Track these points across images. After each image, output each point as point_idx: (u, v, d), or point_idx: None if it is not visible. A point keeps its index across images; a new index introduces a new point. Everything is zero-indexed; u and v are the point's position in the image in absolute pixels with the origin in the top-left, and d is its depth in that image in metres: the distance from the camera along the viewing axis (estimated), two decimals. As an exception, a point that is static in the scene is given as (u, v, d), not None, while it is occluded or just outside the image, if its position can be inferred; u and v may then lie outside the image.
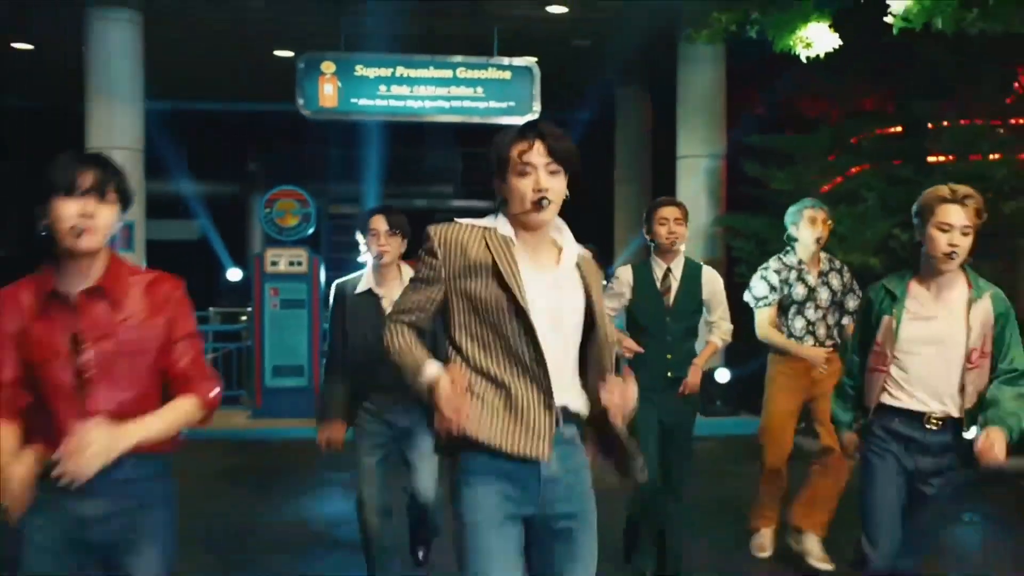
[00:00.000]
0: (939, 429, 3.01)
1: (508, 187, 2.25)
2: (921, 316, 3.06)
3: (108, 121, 8.70)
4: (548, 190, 2.22)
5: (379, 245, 3.66)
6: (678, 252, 4.08)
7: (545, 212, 2.23)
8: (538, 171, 2.22)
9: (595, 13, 8.91)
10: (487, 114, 9.00)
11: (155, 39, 8.91)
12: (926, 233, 3.00)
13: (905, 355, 3.06)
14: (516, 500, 2.21)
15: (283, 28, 9.63)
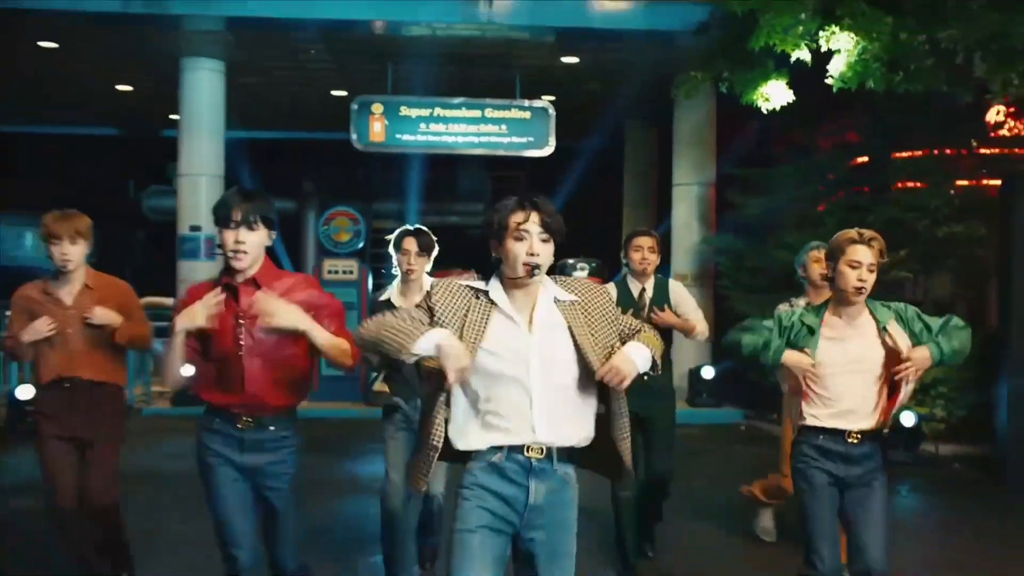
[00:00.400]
0: (859, 443, 3.26)
1: (505, 250, 2.49)
2: (838, 340, 3.30)
3: (197, 151, 10.42)
4: (539, 255, 2.47)
5: (408, 264, 4.03)
6: (650, 276, 4.42)
7: (531, 279, 2.49)
8: (532, 238, 2.46)
9: (602, 62, 10.48)
10: (510, 148, 10.63)
11: (234, 83, 10.66)
12: (838, 270, 3.26)
13: (826, 377, 3.29)
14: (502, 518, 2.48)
15: (339, 73, 11.34)
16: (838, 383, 3.25)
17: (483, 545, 2.44)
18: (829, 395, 3.26)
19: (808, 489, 3.30)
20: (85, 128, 15.72)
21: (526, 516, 2.48)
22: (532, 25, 9.41)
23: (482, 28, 9.41)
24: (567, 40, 9.72)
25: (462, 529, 2.44)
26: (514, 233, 2.46)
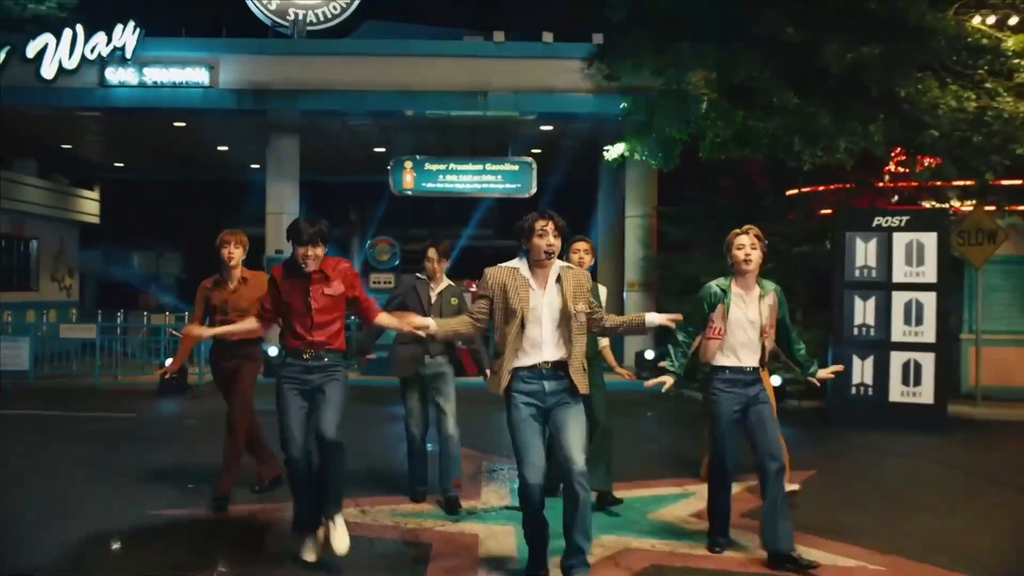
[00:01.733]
0: (751, 372, 4.62)
1: (531, 244, 4.03)
2: (740, 305, 4.57)
3: (279, 196, 14.29)
4: (553, 246, 4.01)
5: (432, 268, 5.56)
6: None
7: (550, 260, 4.04)
8: (548, 235, 4.01)
9: (570, 129, 14.23)
10: (504, 192, 14.41)
11: (304, 144, 14.51)
12: (731, 255, 4.59)
13: (731, 330, 4.56)
14: (534, 406, 4.06)
15: (380, 138, 15.21)
16: (738, 334, 4.58)
17: (530, 423, 4.07)
18: (733, 342, 4.58)
19: (716, 415, 4.64)
20: (188, 175, 19.79)
21: (546, 400, 4.07)
22: (517, 110, 13.20)
23: (482, 112, 13.21)
24: (542, 117, 13.49)
25: (517, 418, 4.06)
26: (538, 232, 4.01)
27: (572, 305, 4.05)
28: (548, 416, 4.11)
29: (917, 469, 7.66)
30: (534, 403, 4.06)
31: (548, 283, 4.09)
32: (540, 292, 4.06)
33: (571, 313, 4.03)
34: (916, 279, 9.97)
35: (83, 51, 12.33)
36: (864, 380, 10.08)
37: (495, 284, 4.11)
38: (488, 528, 5.27)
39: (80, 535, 5.10)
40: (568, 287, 4.08)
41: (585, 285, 4.18)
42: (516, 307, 4.03)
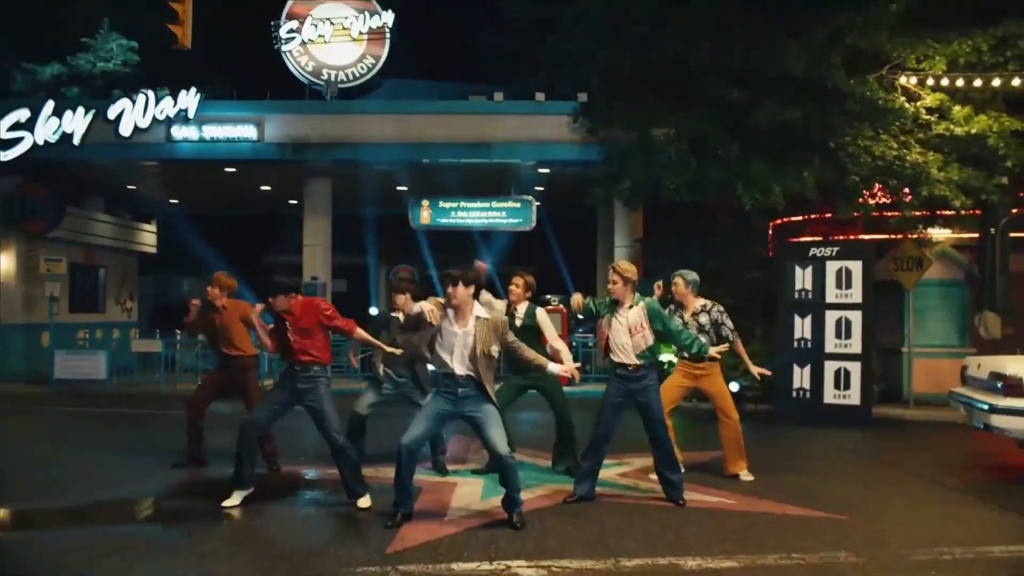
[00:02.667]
0: (634, 369, 6.23)
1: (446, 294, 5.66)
2: (619, 315, 6.34)
3: (314, 230, 16.60)
4: (456, 297, 5.54)
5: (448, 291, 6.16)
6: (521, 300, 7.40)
7: (455, 304, 5.60)
8: (452, 288, 5.57)
9: (563, 172, 16.36)
10: (508, 226, 16.57)
11: (336, 186, 16.82)
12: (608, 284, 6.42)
13: (613, 335, 6.31)
14: (449, 404, 5.70)
15: (401, 179, 17.48)
16: (619, 338, 6.31)
17: (437, 414, 5.82)
18: (616, 345, 6.32)
19: (609, 393, 6.39)
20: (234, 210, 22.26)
21: (462, 405, 5.73)
22: (515, 157, 15.41)
23: (486, 159, 15.42)
24: (540, 162, 15.70)
25: (429, 405, 5.82)
26: (446, 288, 5.67)
27: (479, 342, 5.73)
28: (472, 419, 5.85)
29: (823, 451, 9.53)
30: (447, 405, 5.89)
31: (468, 323, 5.76)
32: (458, 330, 5.76)
33: (476, 346, 5.74)
34: (845, 300, 11.88)
35: (154, 113, 14.69)
36: (803, 385, 11.99)
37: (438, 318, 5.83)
38: (464, 480, 7.37)
39: (167, 481, 7.28)
40: (482, 327, 5.73)
41: (499, 325, 5.82)
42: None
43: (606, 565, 4.97)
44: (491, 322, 5.79)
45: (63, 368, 14.51)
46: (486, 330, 5.74)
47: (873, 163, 11.93)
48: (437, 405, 5.83)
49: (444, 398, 5.82)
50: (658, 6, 12.27)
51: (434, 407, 5.84)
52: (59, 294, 15.12)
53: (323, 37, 16.98)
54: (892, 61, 12.53)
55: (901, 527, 6.00)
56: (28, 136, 14.55)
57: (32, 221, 15.79)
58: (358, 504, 6.36)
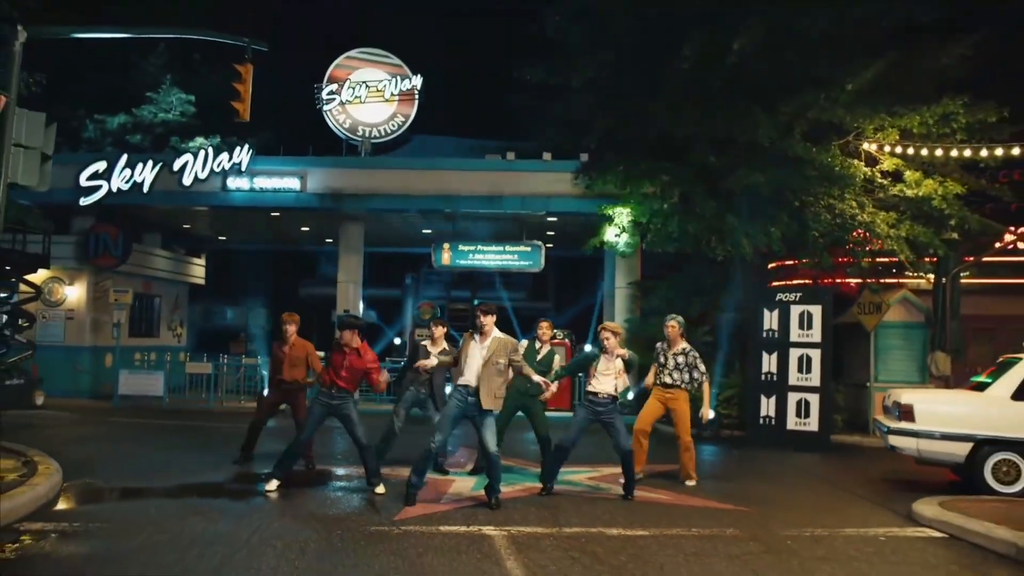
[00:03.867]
0: (607, 399, 8.42)
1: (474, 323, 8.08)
2: (605, 360, 8.43)
3: (347, 267, 18.77)
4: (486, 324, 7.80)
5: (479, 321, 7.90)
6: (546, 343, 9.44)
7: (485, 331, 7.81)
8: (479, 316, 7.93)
9: (569, 221, 18.43)
10: (520, 267, 18.61)
11: (368, 229, 19.02)
12: (599, 339, 8.53)
13: (597, 376, 8.44)
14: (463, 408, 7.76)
15: (426, 224, 19.64)
16: (602, 378, 8.42)
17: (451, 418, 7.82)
18: (596, 382, 8.42)
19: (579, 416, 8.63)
20: (275, 246, 24.63)
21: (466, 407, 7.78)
22: (524, 208, 17.54)
23: (500, 210, 17.56)
24: (548, 211, 17.80)
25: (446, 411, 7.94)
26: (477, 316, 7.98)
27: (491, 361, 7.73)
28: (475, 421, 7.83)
29: (772, 469, 11.24)
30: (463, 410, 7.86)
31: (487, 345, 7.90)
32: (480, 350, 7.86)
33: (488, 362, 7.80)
34: (806, 339, 13.70)
35: (211, 165, 17.04)
36: (769, 413, 13.79)
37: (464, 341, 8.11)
38: (460, 478, 9.37)
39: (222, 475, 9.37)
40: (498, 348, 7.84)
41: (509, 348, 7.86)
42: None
43: (550, 531, 6.92)
44: (504, 341, 7.78)
45: (126, 385, 16.72)
46: (498, 345, 7.72)
47: (832, 220, 13.82)
48: (452, 409, 7.74)
49: (457, 403, 7.74)
50: (648, 82, 14.35)
51: (451, 411, 7.74)
52: (124, 321, 17.39)
53: (359, 98, 19.32)
54: (854, 130, 14.45)
55: (789, 515, 7.87)
56: (105, 184, 16.95)
57: (103, 256, 18.15)
58: (375, 491, 8.35)
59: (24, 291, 14.41)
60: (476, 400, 7.70)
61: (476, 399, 7.69)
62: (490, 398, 7.71)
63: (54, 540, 6.21)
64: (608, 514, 7.66)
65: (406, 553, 6.08)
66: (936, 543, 6.99)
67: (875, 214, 13.80)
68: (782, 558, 6.30)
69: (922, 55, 13.91)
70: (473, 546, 6.32)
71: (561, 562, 5.98)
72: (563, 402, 16.74)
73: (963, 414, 9.20)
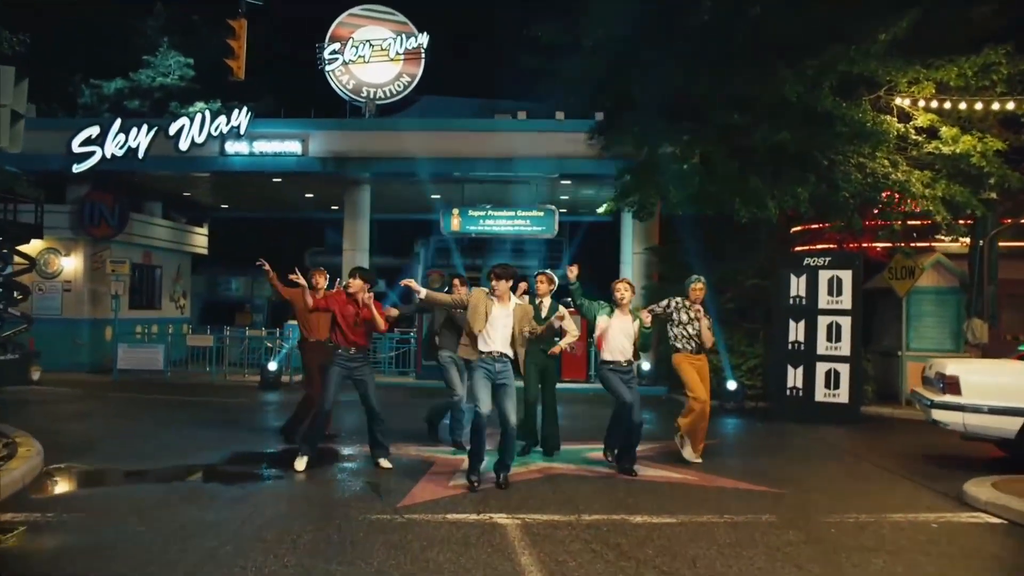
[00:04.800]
0: (627, 364, 8.00)
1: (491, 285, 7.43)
2: (618, 321, 7.97)
3: (353, 235, 18.15)
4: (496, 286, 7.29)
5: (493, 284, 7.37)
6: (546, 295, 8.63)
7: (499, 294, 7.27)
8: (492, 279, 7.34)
9: (584, 183, 17.70)
10: (532, 233, 17.96)
11: (375, 194, 18.37)
12: (613, 295, 8.01)
13: (611, 337, 7.94)
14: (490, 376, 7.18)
15: (436, 190, 18.98)
16: (614, 340, 7.96)
17: (485, 384, 7.18)
18: (610, 346, 7.97)
19: (608, 376, 7.95)
20: (280, 214, 24.02)
21: (494, 375, 7.21)
22: (537, 170, 16.84)
23: (513, 172, 16.87)
24: (562, 174, 17.08)
25: (477, 380, 7.17)
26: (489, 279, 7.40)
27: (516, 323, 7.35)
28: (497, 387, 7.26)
29: (801, 443, 10.69)
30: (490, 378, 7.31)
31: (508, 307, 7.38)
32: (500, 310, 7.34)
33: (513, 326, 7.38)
34: (836, 306, 13.05)
35: (209, 129, 16.41)
36: (796, 384, 13.17)
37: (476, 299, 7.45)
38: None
39: (219, 455, 8.86)
40: (516, 311, 7.36)
41: (529, 312, 7.47)
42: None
43: (569, 519, 6.36)
44: (526, 308, 7.43)
45: (125, 359, 16.26)
46: (523, 313, 7.32)
47: (863, 180, 13.08)
48: (483, 378, 7.18)
49: (485, 371, 7.20)
50: (666, 38, 13.57)
51: (481, 380, 7.17)
52: (122, 292, 16.88)
53: (363, 57, 18.59)
54: (886, 85, 13.66)
55: (826, 499, 7.29)
56: (98, 151, 16.35)
57: (99, 226, 17.61)
58: (380, 464, 7.90)
59: (18, 263, 13.88)
60: (505, 368, 7.29)
61: (506, 367, 7.28)
62: (522, 367, 7.49)
63: (21, 534, 5.69)
64: (632, 498, 7.10)
65: (409, 546, 5.54)
66: (996, 531, 6.40)
67: (909, 173, 13.05)
68: (826, 550, 5.72)
69: (959, 3, 13.07)
70: (484, 537, 5.77)
71: (581, 556, 5.42)
72: (579, 372, 16.18)
73: (1014, 386, 8.56)
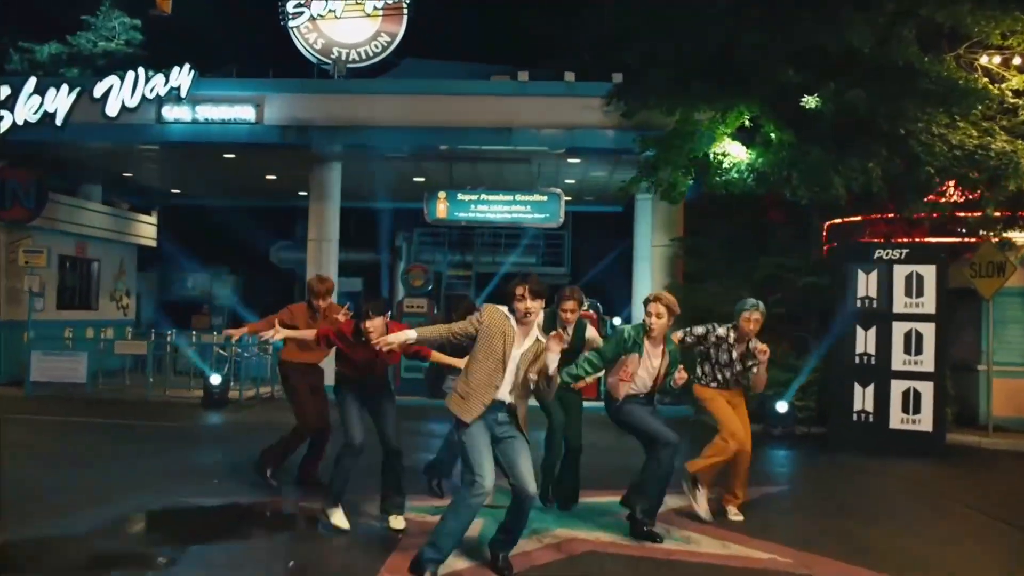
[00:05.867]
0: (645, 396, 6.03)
1: (514, 305, 4.92)
2: (648, 357, 5.97)
3: (319, 222, 15.72)
4: (532, 310, 4.82)
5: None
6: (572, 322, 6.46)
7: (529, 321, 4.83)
8: (526, 300, 4.80)
9: (595, 161, 15.27)
10: (532, 221, 15.60)
11: (346, 174, 15.92)
12: (644, 318, 5.97)
13: (640, 373, 5.94)
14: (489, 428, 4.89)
15: (418, 169, 16.57)
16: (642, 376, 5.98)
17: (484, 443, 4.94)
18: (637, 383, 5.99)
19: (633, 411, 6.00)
20: (241, 201, 21.49)
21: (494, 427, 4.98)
22: (541, 144, 14.42)
23: (510, 146, 14.44)
24: (567, 151, 14.68)
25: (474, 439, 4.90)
26: (516, 297, 4.92)
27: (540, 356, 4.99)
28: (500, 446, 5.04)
29: (888, 488, 8.48)
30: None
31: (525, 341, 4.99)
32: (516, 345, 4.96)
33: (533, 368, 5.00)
34: (915, 310, 10.80)
35: (143, 91, 13.97)
36: (865, 407, 10.91)
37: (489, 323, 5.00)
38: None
39: (121, 512, 6.41)
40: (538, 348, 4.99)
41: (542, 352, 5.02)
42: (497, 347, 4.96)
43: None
44: (542, 345, 5.03)
45: (40, 370, 13.86)
46: (539, 350, 5.02)
47: (950, 153, 10.77)
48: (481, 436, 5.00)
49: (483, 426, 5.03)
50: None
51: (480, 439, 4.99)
52: (38, 288, 14.44)
53: (334, 12, 16.21)
54: (972, 38, 11.42)
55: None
56: (7, 115, 13.89)
57: (12, 208, 15.16)
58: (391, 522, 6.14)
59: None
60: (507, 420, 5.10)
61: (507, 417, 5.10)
62: (524, 422, 5.14)
63: None
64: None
65: None
66: None
67: (1012, 143, 10.74)
68: None
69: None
70: None
71: None
72: (590, 390, 13.74)
73: None
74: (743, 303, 6.67)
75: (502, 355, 4.92)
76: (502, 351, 4.92)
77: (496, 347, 4.93)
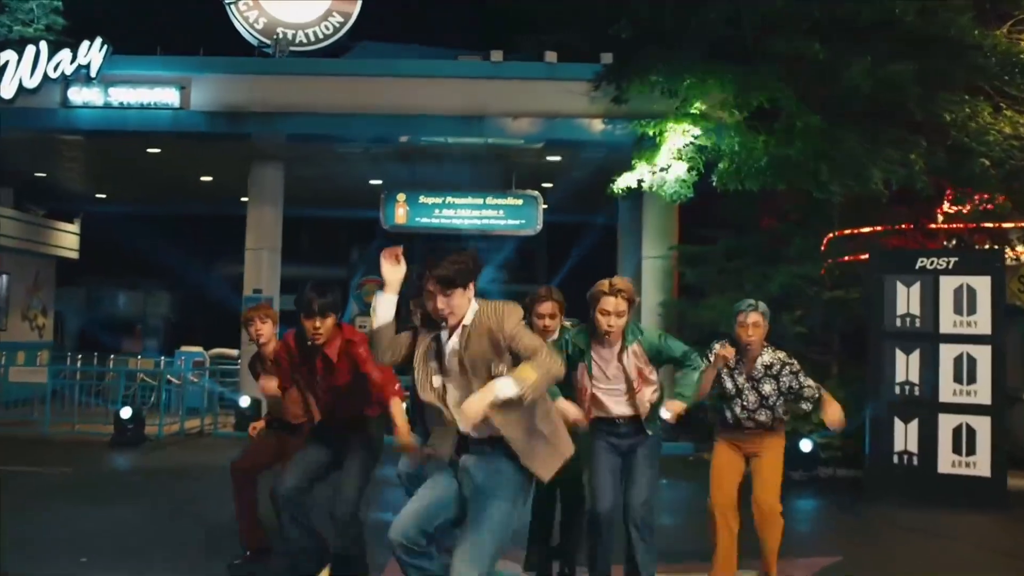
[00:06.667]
0: (626, 423, 4.60)
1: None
2: (600, 364, 4.58)
3: (259, 228, 13.90)
4: (444, 308, 3.38)
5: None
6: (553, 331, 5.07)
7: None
8: (435, 296, 3.38)
9: (577, 160, 13.57)
10: (506, 228, 13.88)
11: (290, 176, 14.11)
12: (593, 315, 4.45)
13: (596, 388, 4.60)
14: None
15: (375, 169, 14.77)
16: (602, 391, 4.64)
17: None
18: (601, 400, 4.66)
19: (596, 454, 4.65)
20: (176, 209, 19.60)
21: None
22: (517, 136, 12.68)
23: (481, 139, 12.71)
24: (548, 145, 12.95)
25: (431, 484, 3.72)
26: (427, 292, 3.43)
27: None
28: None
29: (953, 549, 7.09)
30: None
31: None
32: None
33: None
34: (967, 330, 9.22)
35: (46, 69, 12.15)
36: (908, 447, 9.32)
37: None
38: None
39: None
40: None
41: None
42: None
43: None
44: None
45: (-85, 402, 11.83)
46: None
47: (1007, 143, 9.25)
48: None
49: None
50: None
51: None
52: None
53: (278, -14, 14.44)
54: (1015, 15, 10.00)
55: None
56: None
57: None
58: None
59: None
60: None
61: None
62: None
63: None
64: None
65: None
66: None
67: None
68: None
69: None
70: None
71: None
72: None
73: None
74: (738, 304, 5.39)
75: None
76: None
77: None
